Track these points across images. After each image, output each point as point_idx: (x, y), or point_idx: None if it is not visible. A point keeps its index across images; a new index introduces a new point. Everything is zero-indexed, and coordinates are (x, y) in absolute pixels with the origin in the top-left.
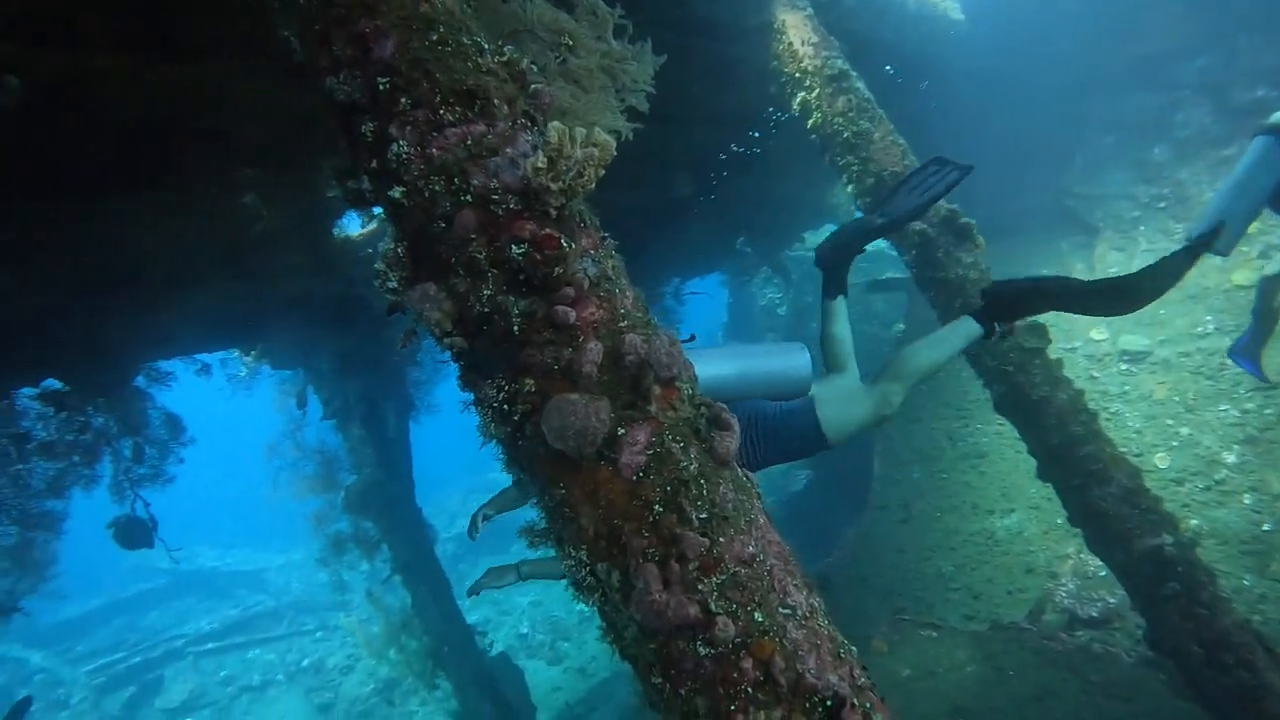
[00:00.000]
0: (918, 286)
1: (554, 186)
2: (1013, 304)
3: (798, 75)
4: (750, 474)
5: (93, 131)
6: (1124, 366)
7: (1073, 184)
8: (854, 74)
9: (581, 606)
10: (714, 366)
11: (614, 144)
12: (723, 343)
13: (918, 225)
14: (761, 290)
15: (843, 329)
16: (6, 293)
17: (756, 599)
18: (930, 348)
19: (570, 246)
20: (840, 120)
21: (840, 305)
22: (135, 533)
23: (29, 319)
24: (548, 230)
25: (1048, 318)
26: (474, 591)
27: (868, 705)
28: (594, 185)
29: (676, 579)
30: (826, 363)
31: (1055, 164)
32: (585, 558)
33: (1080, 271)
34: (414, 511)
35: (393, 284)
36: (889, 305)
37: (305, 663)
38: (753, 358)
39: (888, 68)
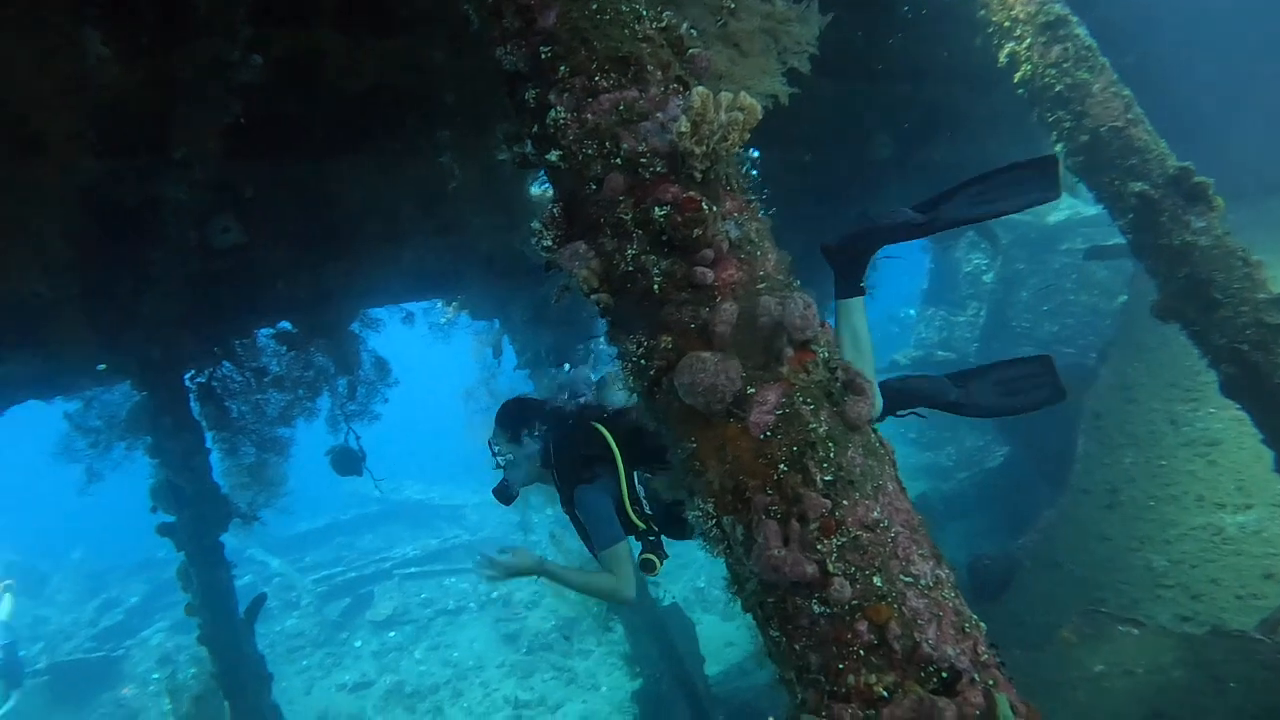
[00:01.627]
0: (1134, 254)
1: (698, 150)
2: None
3: (1007, 24)
4: (885, 441)
5: (317, 101)
6: None
7: None
8: (1074, 19)
9: None
10: None
11: (759, 108)
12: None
13: (1137, 186)
14: (966, 256)
15: (856, 345)
16: (248, 245)
17: (877, 564)
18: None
19: (711, 209)
20: (1053, 72)
21: (853, 309)
22: (347, 461)
23: (268, 268)
24: (690, 193)
25: None
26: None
27: (990, 683)
28: (738, 148)
29: (796, 537)
30: None
31: None
32: (712, 510)
33: None
34: None
35: (547, 242)
36: (1112, 273)
37: (494, 595)
38: None
39: None
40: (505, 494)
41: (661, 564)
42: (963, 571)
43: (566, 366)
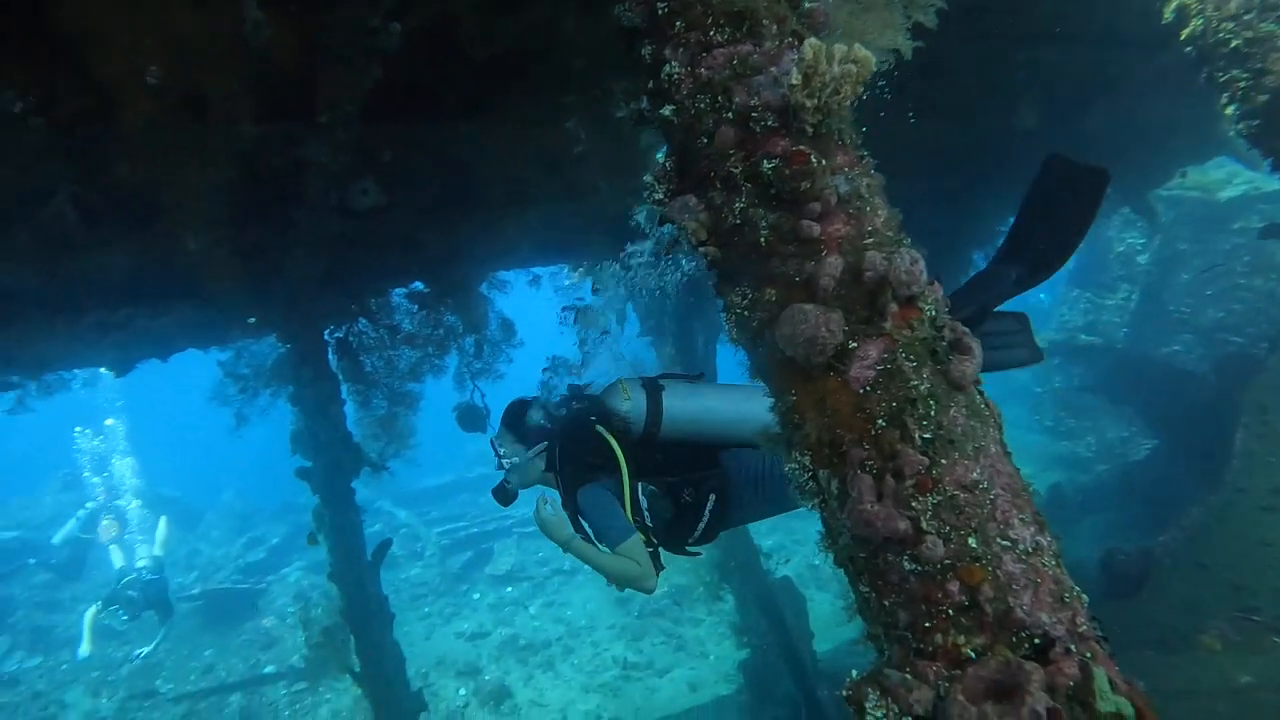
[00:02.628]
0: None
1: (809, 103)
2: None
3: None
4: (992, 403)
5: (451, 67)
6: None
7: None
8: None
9: None
10: (708, 404)
11: (874, 60)
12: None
13: None
14: (1120, 234)
15: None
16: (385, 207)
17: (973, 525)
18: None
19: (820, 163)
20: (1229, 26)
21: None
22: (472, 418)
23: (402, 231)
24: (799, 146)
25: None
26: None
27: (1087, 655)
28: (850, 102)
29: (890, 493)
30: None
31: None
32: (808, 463)
33: None
34: None
35: (659, 195)
36: None
37: None
38: (757, 401)
39: None
40: (505, 496)
41: (659, 574)
42: (1095, 566)
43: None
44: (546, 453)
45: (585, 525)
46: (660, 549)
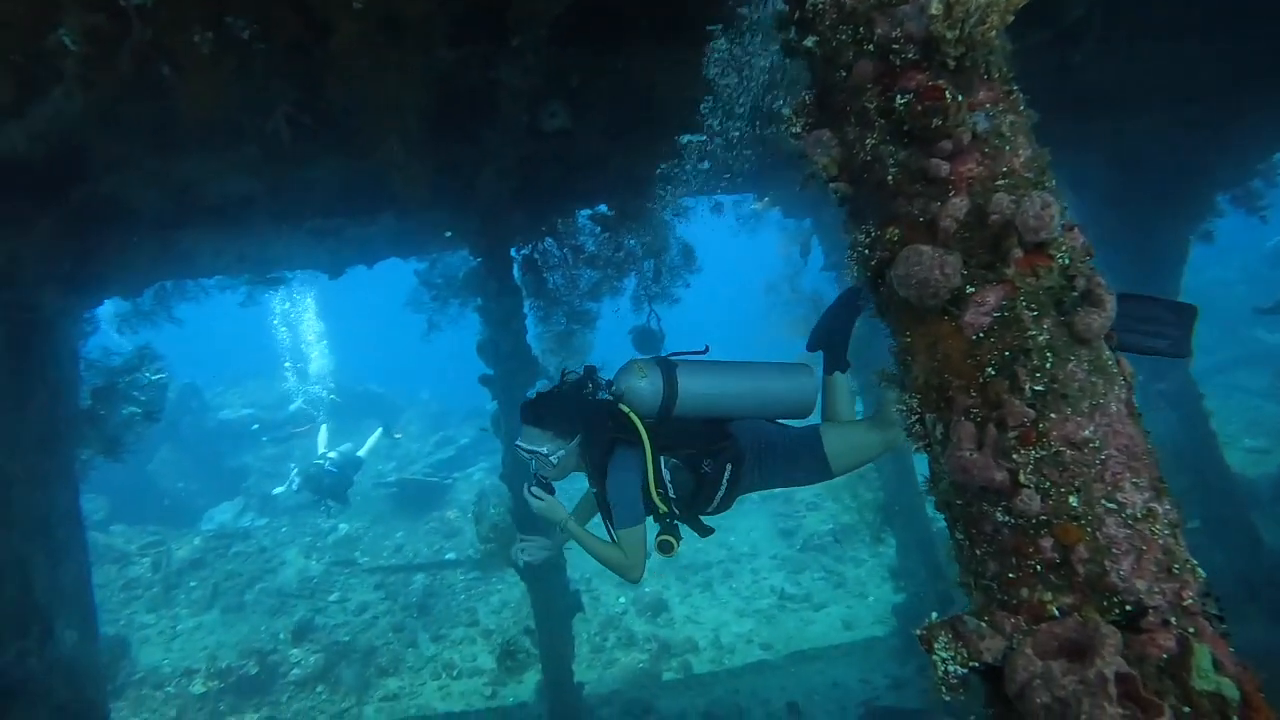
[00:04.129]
0: None
1: (949, 35)
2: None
3: None
4: (1124, 361)
5: None
6: None
7: None
8: None
9: None
10: (719, 380)
11: None
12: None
13: None
14: None
15: (846, 408)
16: (572, 130)
17: (1076, 483)
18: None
19: (955, 99)
20: None
21: (840, 380)
22: (647, 341)
23: (588, 155)
24: (935, 82)
25: None
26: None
27: (1190, 630)
28: (996, 34)
29: (991, 442)
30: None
31: None
32: (916, 406)
33: None
34: None
35: (796, 129)
36: None
37: (778, 491)
38: (760, 376)
39: None
40: (545, 489)
41: (678, 545)
42: None
43: None
44: (580, 439)
45: (610, 498)
46: (679, 523)
